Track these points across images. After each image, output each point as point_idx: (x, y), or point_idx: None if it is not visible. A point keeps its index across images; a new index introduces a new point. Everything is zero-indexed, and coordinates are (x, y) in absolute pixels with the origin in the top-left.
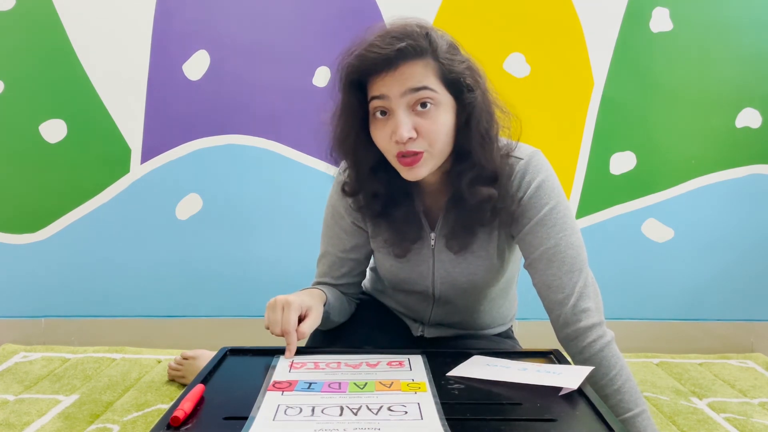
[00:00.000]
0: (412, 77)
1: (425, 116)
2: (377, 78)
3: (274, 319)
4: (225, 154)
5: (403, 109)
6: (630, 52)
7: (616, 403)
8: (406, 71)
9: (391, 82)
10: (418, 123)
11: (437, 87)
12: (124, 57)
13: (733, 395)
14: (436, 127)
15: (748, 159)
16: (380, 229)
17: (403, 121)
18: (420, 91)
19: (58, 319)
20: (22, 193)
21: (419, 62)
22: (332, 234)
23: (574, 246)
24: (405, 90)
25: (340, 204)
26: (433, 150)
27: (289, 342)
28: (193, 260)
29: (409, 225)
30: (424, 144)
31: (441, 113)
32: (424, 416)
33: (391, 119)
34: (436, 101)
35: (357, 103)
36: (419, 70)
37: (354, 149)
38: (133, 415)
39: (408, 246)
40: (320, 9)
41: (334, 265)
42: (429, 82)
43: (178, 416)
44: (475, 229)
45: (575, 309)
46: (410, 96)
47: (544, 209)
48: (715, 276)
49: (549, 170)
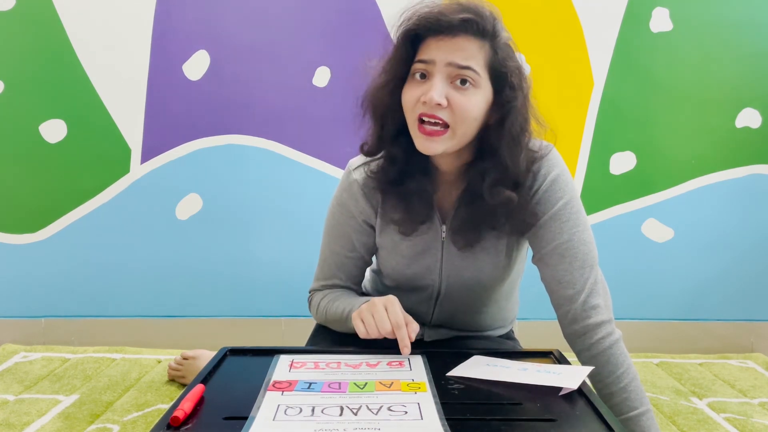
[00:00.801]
0: (463, 52)
1: (461, 92)
2: (432, 40)
3: (380, 317)
4: (225, 154)
5: (442, 77)
6: (630, 52)
7: (621, 401)
8: (461, 44)
9: (443, 48)
10: (451, 94)
11: (482, 72)
12: (124, 57)
13: (733, 395)
14: (468, 105)
15: (748, 159)
16: (391, 206)
17: (437, 85)
18: (463, 70)
19: (58, 319)
20: (22, 193)
21: (476, 41)
22: (341, 234)
23: (586, 242)
24: (451, 62)
25: (349, 202)
26: (456, 127)
27: (402, 336)
28: (193, 260)
29: (421, 202)
30: (451, 117)
31: (477, 96)
32: (424, 416)
33: (427, 83)
34: (476, 83)
35: (404, 57)
36: (473, 48)
37: (385, 105)
38: (133, 415)
39: (416, 225)
40: (320, 9)
41: (342, 267)
42: (476, 64)
43: (178, 416)
44: (483, 229)
45: (585, 305)
46: (453, 69)
47: (558, 204)
48: (715, 276)
49: (563, 165)
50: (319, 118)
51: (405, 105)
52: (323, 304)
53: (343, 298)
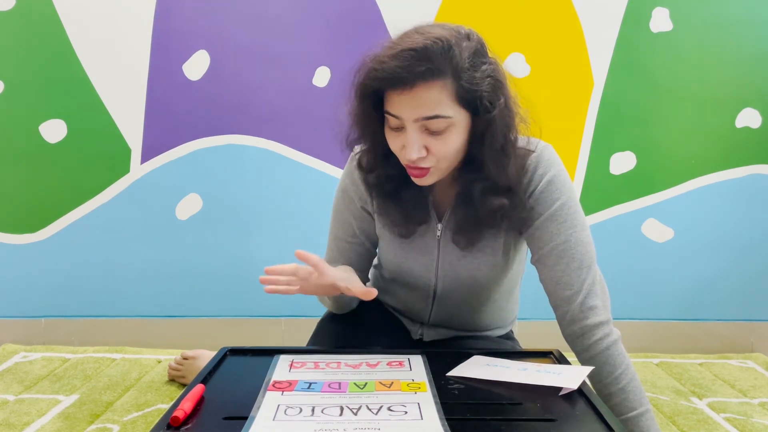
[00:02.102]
0: (426, 102)
1: (437, 137)
2: (393, 93)
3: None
4: (225, 154)
5: (415, 131)
6: (630, 52)
7: (620, 401)
8: (421, 94)
9: (406, 103)
10: (429, 142)
11: (452, 110)
12: (124, 57)
13: (733, 395)
14: (446, 148)
15: (748, 159)
16: (387, 209)
17: (413, 142)
18: (432, 120)
19: (58, 319)
20: (22, 193)
21: (437, 83)
22: (342, 220)
23: (584, 243)
24: (418, 117)
25: (351, 188)
26: (440, 165)
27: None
28: (193, 260)
29: (417, 208)
30: (433, 160)
31: (453, 134)
32: (424, 416)
33: (403, 134)
34: (449, 124)
35: (372, 107)
36: (435, 94)
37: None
38: (133, 415)
39: (414, 228)
40: (320, 9)
41: (343, 252)
42: (443, 108)
43: (178, 416)
44: (482, 227)
45: (583, 306)
46: (422, 123)
47: (555, 204)
48: (715, 276)
49: (560, 165)
50: (319, 118)
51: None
52: None
53: None
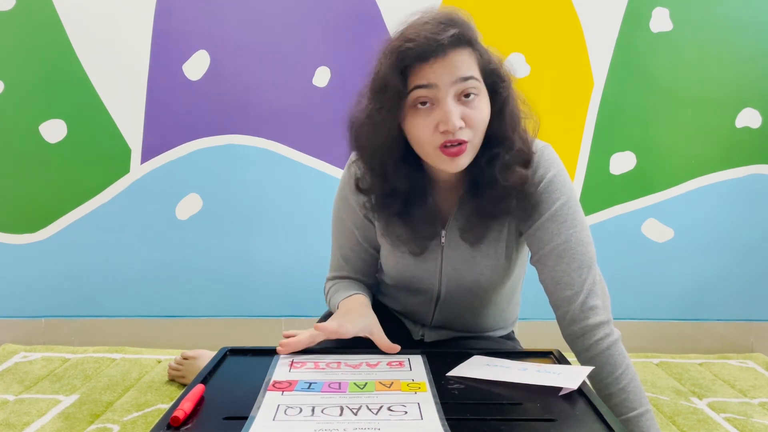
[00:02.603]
0: (461, 65)
1: (470, 106)
2: (425, 65)
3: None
4: (225, 154)
5: (452, 98)
6: (630, 52)
7: (620, 401)
8: (455, 59)
9: (441, 70)
10: (465, 112)
11: (479, 77)
12: (124, 57)
13: (733, 395)
14: (481, 117)
15: (748, 159)
16: (393, 227)
17: (453, 110)
18: (468, 81)
19: (58, 319)
20: (22, 193)
21: (466, 51)
22: (344, 229)
23: (584, 243)
24: (456, 79)
25: (352, 197)
26: (475, 139)
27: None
28: (193, 260)
29: (426, 224)
30: (470, 133)
31: (482, 103)
32: (424, 416)
33: (437, 109)
34: (479, 91)
35: (398, 91)
36: (466, 58)
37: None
38: (133, 415)
39: (425, 244)
40: (320, 9)
41: (348, 260)
42: (474, 71)
43: (178, 416)
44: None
45: (583, 306)
46: (460, 85)
47: (556, 204)
48: (715, 276)
49: (560, 165)
50: (319, 118)
51: (418, 136)
52: (329, 294)
53: (340, 292)
